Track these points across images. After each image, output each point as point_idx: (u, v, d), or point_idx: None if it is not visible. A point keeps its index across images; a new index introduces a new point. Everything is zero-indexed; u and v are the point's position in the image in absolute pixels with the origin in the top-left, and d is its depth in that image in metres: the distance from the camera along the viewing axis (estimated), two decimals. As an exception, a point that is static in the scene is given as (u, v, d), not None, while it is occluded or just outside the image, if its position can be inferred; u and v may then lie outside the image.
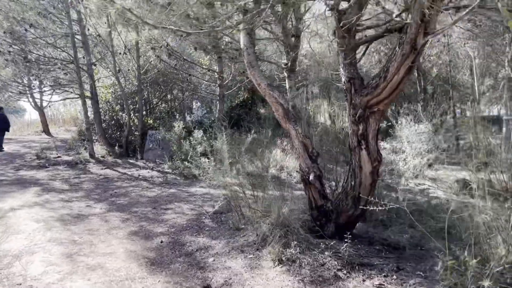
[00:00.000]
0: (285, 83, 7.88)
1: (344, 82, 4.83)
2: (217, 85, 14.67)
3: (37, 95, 27.30)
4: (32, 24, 13.51)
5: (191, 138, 12.68)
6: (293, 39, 11.56)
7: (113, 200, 8.43)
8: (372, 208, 4.17)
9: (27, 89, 21.56)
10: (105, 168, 12.74)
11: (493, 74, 16.32)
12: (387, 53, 15.40)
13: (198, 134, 12.71)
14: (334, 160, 7.54)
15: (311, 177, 5.14)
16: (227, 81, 14.69)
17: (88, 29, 14.35)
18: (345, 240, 4.45)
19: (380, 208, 4.09)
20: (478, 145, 5.27)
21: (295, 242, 4.65)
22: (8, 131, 16.47)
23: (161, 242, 5.66)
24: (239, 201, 7.01)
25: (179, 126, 13.24)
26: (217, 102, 16.93)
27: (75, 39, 14.21)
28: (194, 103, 21.64)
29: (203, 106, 19.07)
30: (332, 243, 4.65)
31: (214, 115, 16.69)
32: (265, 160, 11.47)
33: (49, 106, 27.41)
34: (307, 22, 13.43)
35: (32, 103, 27.18)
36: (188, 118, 17.66)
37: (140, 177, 11.38)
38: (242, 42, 5.68)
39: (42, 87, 24.19)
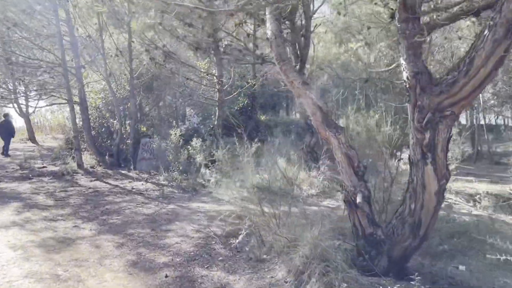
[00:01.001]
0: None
1: (406, 78, 3.85)
2: (216, 90, 13.68)
3: (22, 101, 26.07)
4: (17, 23, 12.41)
5: (189, 147, 11.66)
6: (302, 39, 10.66)
7: (105, 218, 7.35)
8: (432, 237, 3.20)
9: (12, 94, 20.42)
10: (94, 180, 11.63)
11: None
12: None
13: (197, 142, 11.69)
14: (376, 176, 6.58)
15: (358, 198, 4.14)
16: (226, 86, 13.73)
17: (78, 29, 13.30)
18: (410, 279, 3.46)
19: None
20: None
21: (344, 285, 3.62)
22: (13, 137, 16.73)
23: (166, 276, 4.61)
24: (254, 222, 5.95)
25: (175, 134, 12.20)
26: (215, 108, 15.97)
27: (63, 40, 13.14)
28: (187, 110, 20.60)
29: (198, 113, 18.05)
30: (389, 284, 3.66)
31: (211, 122, 15.69)
32: (271, 171, 10.49)
33: (34, 113, 26.13)
34: (319, 20, 12.57)
35: (17, 109, 25.93)
36: (183, 125, 16.63)
37: (134, 190, 10.30)
38: (270, 30, 4.69)
39: (27, 92, 22.98)
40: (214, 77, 13.61)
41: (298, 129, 14.67)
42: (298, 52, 10.08)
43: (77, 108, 14.49)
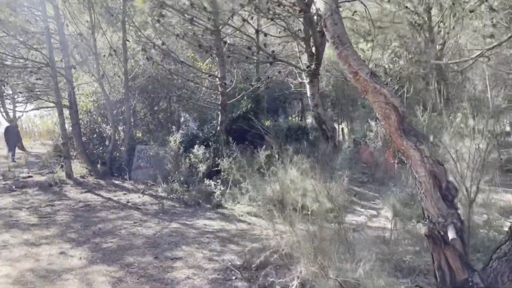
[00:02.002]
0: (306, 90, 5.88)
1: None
2: (218, 92, 12.60)
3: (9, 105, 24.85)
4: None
5: (190, 155, 10.55)
6: (318, 35, 9.66)
7: (97, 242, 6.22)
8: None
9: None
10: (85, 192, 10.46)
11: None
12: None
13: (198, 150, 10.60)
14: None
15: (450, 233, 3.05)
16: (229, 88, 12.65)
17: (67, 26, 12.18)
18: None
19: None
20: None
21: None
22: (19, 142, 17.70)
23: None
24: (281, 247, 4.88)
25: (175, 140, 11.08)
26: (214, 113, 14.88)
27: (52, 39, 12.01)
28: (183, 115, 19.44)
29: (196, 118, 16.91)
30: None
31: (212, 128, 14.58)
32: (282, 182, 9.43)
33: (19, 118, 24.92)
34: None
35: (4, 114, 24.67)
36: (181, 131, 15.49)
37: (129, 204, 9.16)
38: (325, 4, 3.61)
39: (13, 95, 21.74)
40: (217, 79, 12.54)
41: (310, 135, 13.65)
42: (314, 49, 9.10)
43: (66, 112, 13.36)
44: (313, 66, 9.38)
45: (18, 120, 25.93)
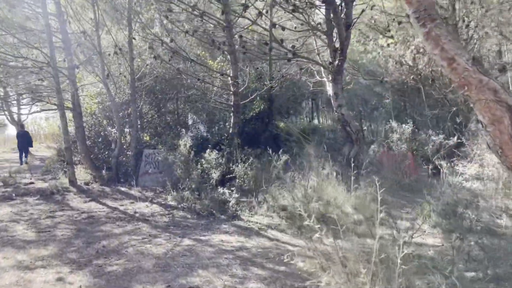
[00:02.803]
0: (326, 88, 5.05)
1: None
2: (230, 92, 11.79)
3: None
4: (-3, 16, 10.56)
5: (202, 160, 9.75)
6: (344, 28, 8.81)
7: (101, 264, 5.42)
8: None
9: (2, 101, 18.67)
10: (89, 201, 9.71)
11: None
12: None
13: (210, 154, 9.80)
14: None
15: None
16: (242, 88, 11.85)
17: (70, 23, 11.44)
18: None
19: None
20: None
21: None
22: (31, 146, 17.42)
23: None
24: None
25: (185, 144, 10.30)
26: (224, 114, 14.09)
27: (53, 37, 11.29)
28: (190, 117, 18.65)
29: (204, 120, 16.11)
30: None
31: (222, 130, 13.79)
32: (305, 190, 8.61)
33: (20, 120, 24.40)
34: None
35: (8, 117, 24.11)
36: (190, 133, 14.72)
37: (137, 215, 8.37)
38: None
39: (17, 98, 21.14)
40: (229, 78, 11.74)
41: (329, 138, 12.81)
42: (339, 44, 8.26)
43: (70, 114, 12.65)
44: (336, 62, 8.54)
45: (23, 122, 25.43)
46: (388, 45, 13.60)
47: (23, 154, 16.83)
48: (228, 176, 9.50)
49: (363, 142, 9.13)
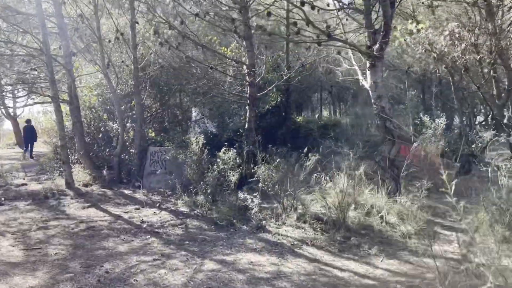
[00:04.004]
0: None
1: None
2: (246, 83, 10.52)
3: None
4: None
5: (218, 160, 8.50)
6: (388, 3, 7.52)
7: (104, 300, 4.20)
8: None
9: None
10: (88, 207, 8.48)
11: None
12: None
13: (226, 153, 8.56)
14: None
15: None
16: (259, 78, 10.57)
17: (65, 3, 10.15)
18: None
19: None
20: None
21: None
22: (35, 141, 17.29)
23: None
24: None
25: (197, 141, 9.05)
26: (237, 107, 12.83)
27: (49, 23, 10.05)
28: (194, 111, 17.34)
29: (211, 115, 14.82)
30: None
31: (234, 126, 12.55)
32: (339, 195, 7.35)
33: (19, 115, 23.21)
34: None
35: (3, 111, 22.90)
36: (197, 129, 13.48)
37: (144, 225, 7.14)
38: None
39: (12, 90, 19.87)
40: (244, 67, 10.46)
41: (354, 134, 11.58)
42: (383, 23, 6.97)
43: (67, 108, 11.41)
44: (378, 46, 7.28)
45: (18, 117, 24.19)
46: (418, 30, 12.26)
47: (29, 149, 16.67)
48: (250, 179, 8.27)
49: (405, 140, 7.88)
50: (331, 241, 6.29)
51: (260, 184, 7.65)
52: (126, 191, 9.96)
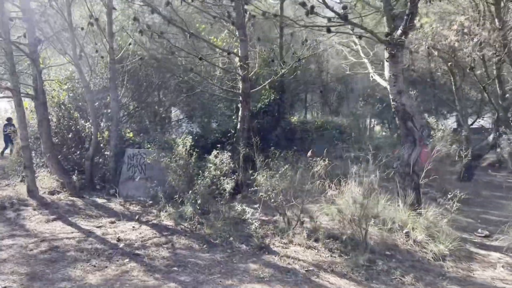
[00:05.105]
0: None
1: None
2: (239, 77, 9.33)
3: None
4: None
5: (209, 165, 7.27)
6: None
7: None
8: None
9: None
10: (53, 220, 7.12)
11: None
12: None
13: (222, 158, 7.35)
14: None
15: None
16: (252, 72, 9.40)
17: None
18: None
19: None
20: None
21: None
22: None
23: None
24: None
25: (184, 143, 7.81)
26: (228, 105, 11.64)
27: (11, 5, 8.63)
28: (173, 110, 15.98)
29: (191, 115, 13.53)
30: None
31: (222, 126, 11.32)
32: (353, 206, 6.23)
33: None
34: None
35: (-35, 107, 21.09)
36: (184, 128, 12.20)
37: (122, 245, 5.85)
38: None
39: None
40: (236, 59, 9.27)
41: (358, 136, 10.51)
42: (409, 3, 5.89)
43: (32, 104, 9.97)
44: (398, 32, 6.21)
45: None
46: (421, 25, 11.29)
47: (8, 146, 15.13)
48: (246, 186, 7.08)
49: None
50: (353, 266, 5.15)
51: (261, 194, 6.45)
52: (99, 200, 8.61)
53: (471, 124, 17.36)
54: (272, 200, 6.34)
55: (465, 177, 11.51)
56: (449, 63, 11.58)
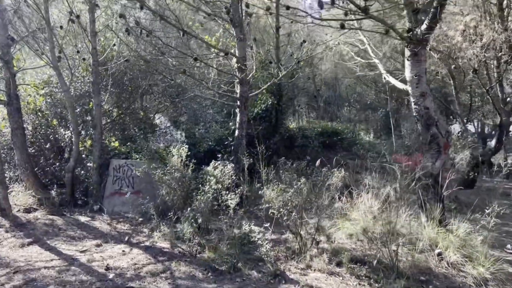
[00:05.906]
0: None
1: None
2: (237, 80, 8.53)
3: None
4: None
5: (211, 178, 6.43)
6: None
7: None
8: None
9: None
10: (29, 244, 6.15)
11: None
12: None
13: (224, 169, 6.52)
14: None
15: None
16: (251, 74, 8.61)
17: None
18: None
19: None
20: None
21: None
22: None
23: None
24: None
25: (180, 153, 6.95)
26: (208, 113, 10.85)
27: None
28: (157, 117, 15.02)
29: (178, 122, 12.64)
30: None
31: (216, 133, 10.46)
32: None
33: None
34: None
35: None
36: (178, 136, 11.30)
37: (111, 276, 4.93)
38: None
39: None
40: (233, 60, 8.46)
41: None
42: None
43: (4, 111, 8.99)
44: (423, 27, 5.53)
45: None
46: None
47: None
48: (251, 200, 6.27)
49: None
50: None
51: (272, 211, 5.64)
52: (82, 218, 7.64)
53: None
54: (285, 218, 5.53)
55: (467, 184, 10.94)
56: (453, 66, 11.00)
